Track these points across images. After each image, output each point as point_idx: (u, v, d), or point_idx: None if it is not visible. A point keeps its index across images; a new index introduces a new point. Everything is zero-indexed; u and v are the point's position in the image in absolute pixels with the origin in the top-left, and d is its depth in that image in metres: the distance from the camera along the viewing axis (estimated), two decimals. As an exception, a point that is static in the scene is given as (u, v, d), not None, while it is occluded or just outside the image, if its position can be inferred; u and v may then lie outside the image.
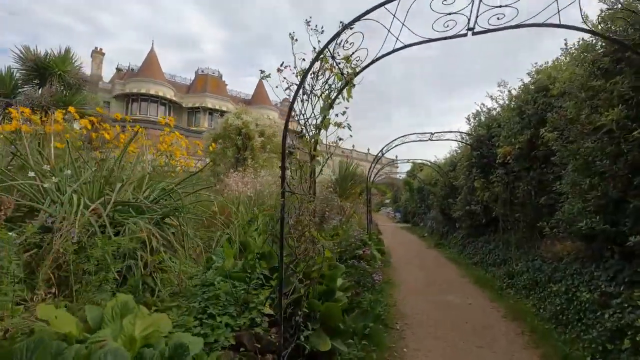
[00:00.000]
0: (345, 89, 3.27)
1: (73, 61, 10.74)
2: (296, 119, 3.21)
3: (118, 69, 41.41)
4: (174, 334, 2.00)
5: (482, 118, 9.42)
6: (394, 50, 3.16)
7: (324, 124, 3.26)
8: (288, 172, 3.11)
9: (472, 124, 9.64)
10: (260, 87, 48.06)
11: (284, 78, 2.92)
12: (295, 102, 2.93)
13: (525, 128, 6.50)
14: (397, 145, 8.10)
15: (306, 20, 2.98)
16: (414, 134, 7.96)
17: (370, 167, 8.63)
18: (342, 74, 3.12)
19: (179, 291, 2.88)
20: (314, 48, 2.90)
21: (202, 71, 43.53)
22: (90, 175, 3.38)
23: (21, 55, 10.27)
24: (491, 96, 9.02)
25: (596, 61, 4.14)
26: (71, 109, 5.18)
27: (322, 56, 2.82)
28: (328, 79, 3.09)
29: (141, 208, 3.41)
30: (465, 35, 2.89)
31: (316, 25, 2.98)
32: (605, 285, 3.88)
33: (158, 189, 3.62)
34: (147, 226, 3.05)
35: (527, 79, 7.24)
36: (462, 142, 9.16)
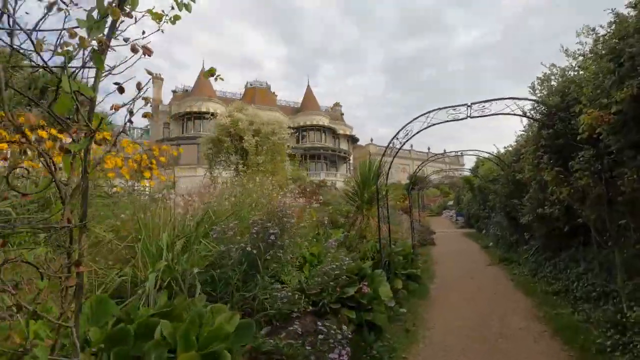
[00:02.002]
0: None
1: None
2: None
3: (174, 92, 43.85)
4: None
5: (554, 82, 6.65)
6: None
7: (96, 57, 1.41)
8: None
9: (539, 93, 6.88)
10: (308, 93, 47.78)
11: None
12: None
13: (626, 77, 3.93)
14: (422, 130, 5.76)
15: None
16: (444, 107, 5.52)
17: (381, 160, 6.20)
18: None
19: None
20: None
21: (251, 85, 45.24)
22: None
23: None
24: (566, 50, 6.29)
25: None
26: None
27: None
28: None
29: None
30: None
31: None
32: None
33: None
34: None
35: (622, 5, 4.56)
36: (524, 117, 6.44)
